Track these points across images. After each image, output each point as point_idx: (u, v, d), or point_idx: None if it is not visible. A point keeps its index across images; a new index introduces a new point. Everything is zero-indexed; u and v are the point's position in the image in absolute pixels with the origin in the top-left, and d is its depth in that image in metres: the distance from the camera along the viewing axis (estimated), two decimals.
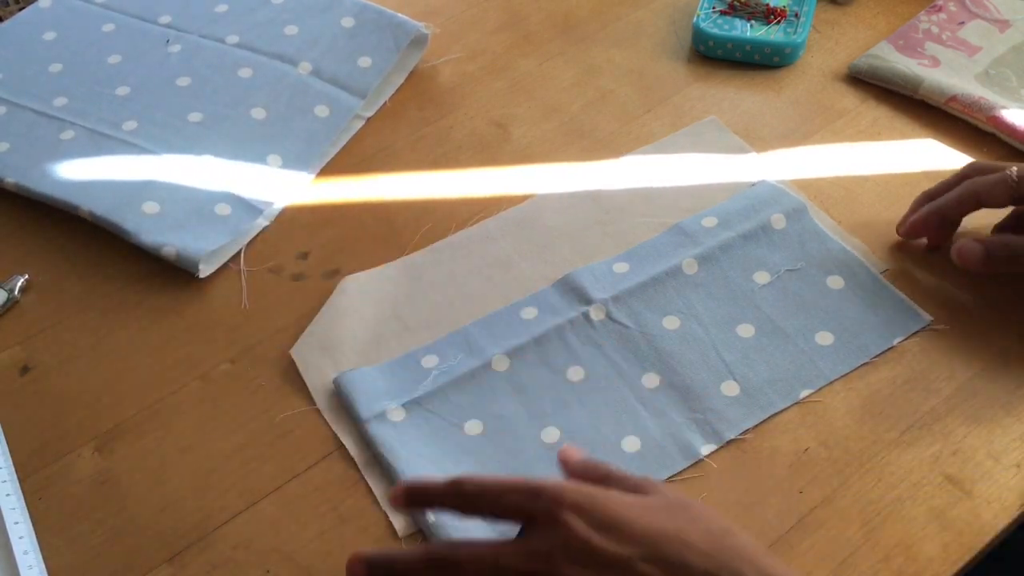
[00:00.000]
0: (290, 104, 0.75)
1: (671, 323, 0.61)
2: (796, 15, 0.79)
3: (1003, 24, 0.78)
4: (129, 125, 0.73)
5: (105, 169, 0.70)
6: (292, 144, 0.73)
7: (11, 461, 0.57)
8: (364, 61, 0.77)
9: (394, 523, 0.54)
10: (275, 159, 0.72)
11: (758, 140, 0.73)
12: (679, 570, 0.43)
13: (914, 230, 0.64)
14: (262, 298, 0.65)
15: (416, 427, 0.57)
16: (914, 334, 0.60)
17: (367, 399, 0.58)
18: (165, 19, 0.81)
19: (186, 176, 0.70)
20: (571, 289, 0.63)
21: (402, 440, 0.56)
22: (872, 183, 0.69)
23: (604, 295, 0.62)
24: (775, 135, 0.73)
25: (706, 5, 0.80)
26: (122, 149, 0.71)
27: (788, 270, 0.64)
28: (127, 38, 0.80)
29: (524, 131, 0.75)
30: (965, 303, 0.62)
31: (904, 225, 0.65)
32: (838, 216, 0.67)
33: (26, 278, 0.66)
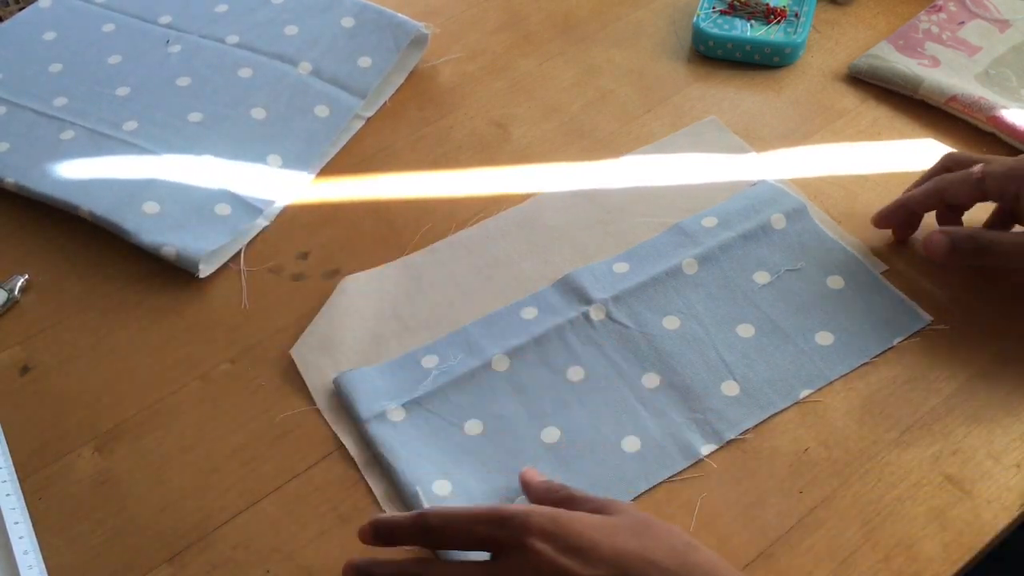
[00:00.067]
0: (290, 104, 0.75)
1: (671, 323, 0.61)
2: (796, 15, 0.79)
3: (1003, 24, 0.78)
4: (129, 125, 0.73)
5: (105, 169, 0.70)
6: (292, 144, 0.73)
7: (11, 461, 0.57)
8: (364, 61, 0.77)
9: None
10: (275, 159, 0.72)
11: (758, 140, 0.73)
12: None
13: (883, 222, 0.65)
14: (262, 298, 0.65)
15: (416, 427, 0.57)
16: (914, 334, 0.60)
17: (367, 399, 0.58)
18: (165, 19, 0.81)
19: (186, 176, 0.70)
20: (571, 289, 0.63)
21: (402, 440, 0.56)
22: (872, 183, 0.69)
23: (604, 295, 0.62)
24: (775, 135, 0.73)
25: (706, 5, 0.80)
26: (122, 149, 0.71)
27: (788, 270, 0.64)
28: (127, 38, 0.80)
29: (524, 131, 0.75)
30: (965, 303, 0.62)
31: (875, 216, 0.65)
32: (838, 216, 0.67)
33: (26, 278, 0.66)
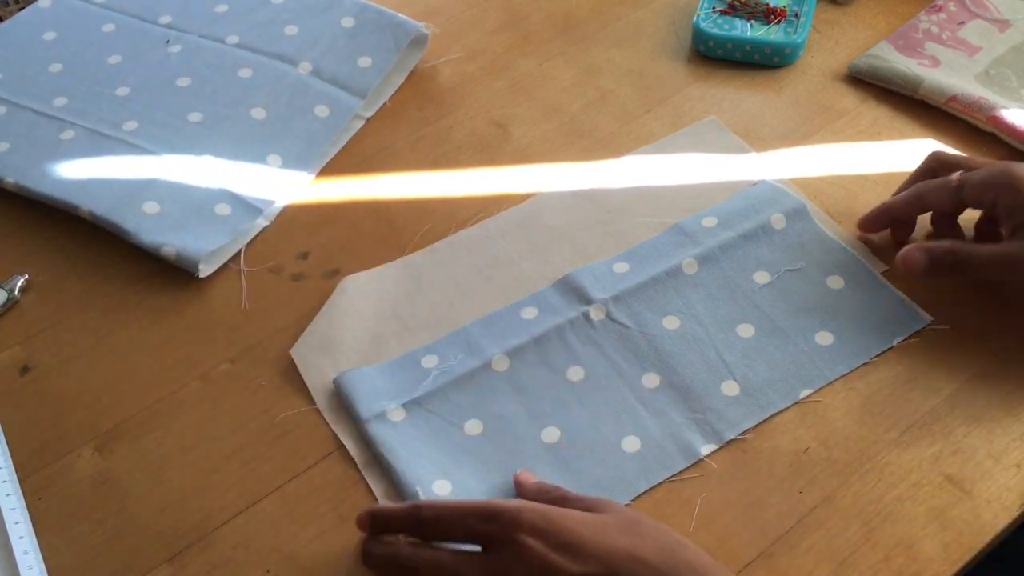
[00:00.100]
0: (290, 104, 0.75)
1: (671, 323, 0.61)
2: (796, 15, 0.79)
3: (1003, 24, 0.78)
4: (129, 125, 0.73)
5: (105, 169, 0.70)
6: (292, 144, 0.73)
7: (11, 461, 0.57)
8: (364, 61, 0.77)
9: None
10: (275, 159, 0.72)
11: (758, 140, 0.73)
12: None
13: (867, 226, 0.65)
14: (262, 298, 0.65)
15: (416, 427, 0.57)
16: (914, 334, 0.60)
17: (367, 399, 0.58)
18: (165, 19, 0.81)
19: (186, 176, 0.70)
20: (571, 289, 0.63)
21: (402, 440, 0.56)
22: (872, 183, 0.69)
23: (604, 295, 0.62)
24: (775, 135, 0.73)
25: (706, 5, 0.80)
26: (122, 149, 0.71)
27: (788, 270, 0.64)
28: (127, 38, 0.79)
29: (524, 131, 0.75)
30: (965, 303, 0.62)
31: (860, 221, 0.65)
32: (838, 216, 0.67)
33: (26, 278, 0.66)
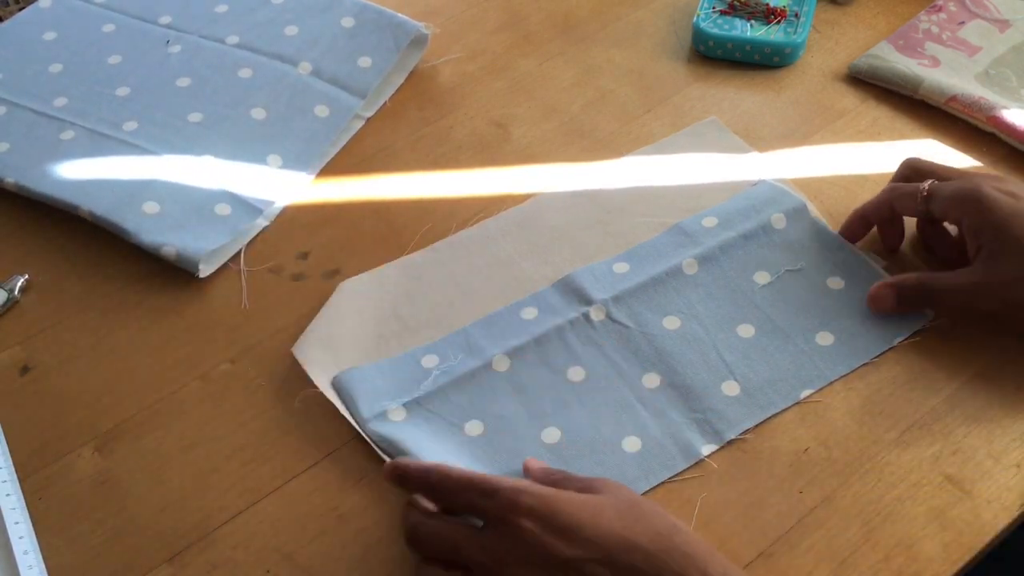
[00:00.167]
0: (290, 104, 0.75)
1: (671, 323, 0.61)
2: (796, 15, 0.79)
3: (1003, 24, 0.78)
4: (129, 125, 0.73)
5: (105, 169, 0.70)
6: (292, 144, 0.73)
7: (11, 461, 0.57)
8: (364, 61, 0.77)
9: None
10: (275, 159, 0.72)
11: (758, 140, 0.73)
12: (626, 571, 0.46)
13: (846, 232, 0.65)
14: (262, 298, 0.65)
15: (416, 427, 0.57)
16: (914, 334, 0.60)
17: (367, 399, 0.58)
18: (165, 19, 0.81)
19: (186, 176, 0.70)
20: (571, 289, 0.63)
21: (403, 436, 0.56)
22: (872, 183, 0.69)
23: (604, 295, 0.62)
24: (775, 135, 0.73)
25: (706, 5, 0.80)
26: (122, 149, 0.71)
27: (788, 270, 0.64)
28: (127, 38, 0.79)
29: (524, 131, 0.75)
30: None
31: (841, 228, 0.65)
32: (838, 216, 0.67)
33: (26, 278, 0.66)
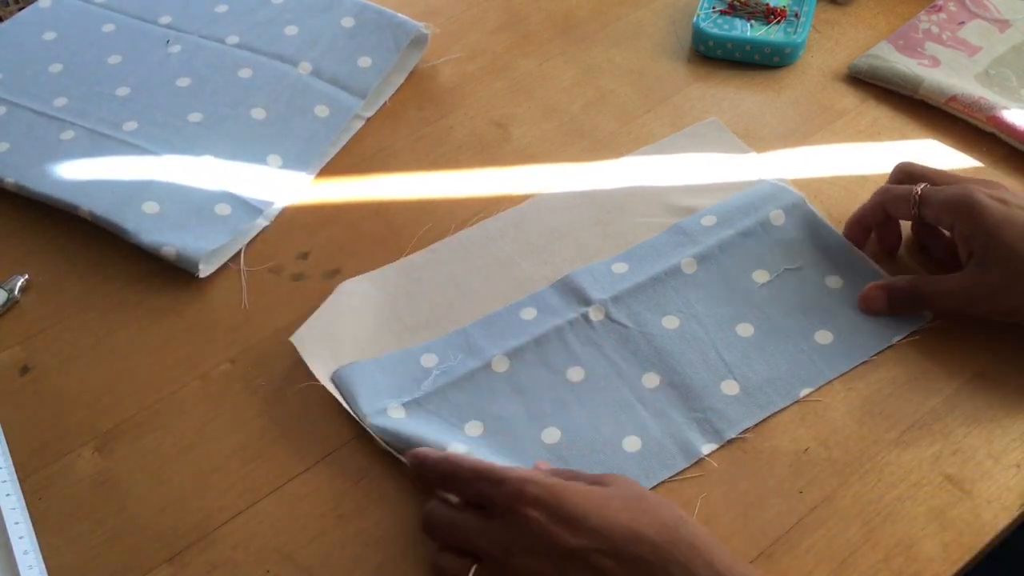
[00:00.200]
0: (290, 104, 0.75)
1: (670, 323, 0.61)
2: (796, 15, 0.79)
3: (1003, 24, 0.78)
4: (129, 125, 0.73)
5: (105, 169, 0.70)
6: (292, 144, 0.73)
7: (11, 461, 0.57)
8: (364, 61, 0.77)
9: None
10: (275, 159, 0.72)
11: (758, 140, 0.73)
12: (631, 563, 0.46)
13: (850, 238, 0.65)
14: (262, 298, 0.65)
15: (417, 425, 0.57)
16: (914, 333, 0.60)
17: (368, 396, 0.57)
18: (165, 19, 0.81)
19: (186, 176, 0.70)
20: (570, 290, 0.63)
21: (405, 430, 0.56)
22: (872, 183, 0.69)
23: (603, 296, 0.62)
24: (775, 135, 0.73)
25: (706, 5, 0.80)
26: (122, 149, 0.71)
27: (787, 269, 0.64)
28: (127, 38, 0.79)
29: (524, 131, 0.75)
30: None
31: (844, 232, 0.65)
32: (838, 216, 0.67)
33: (26, 278, 0.66)
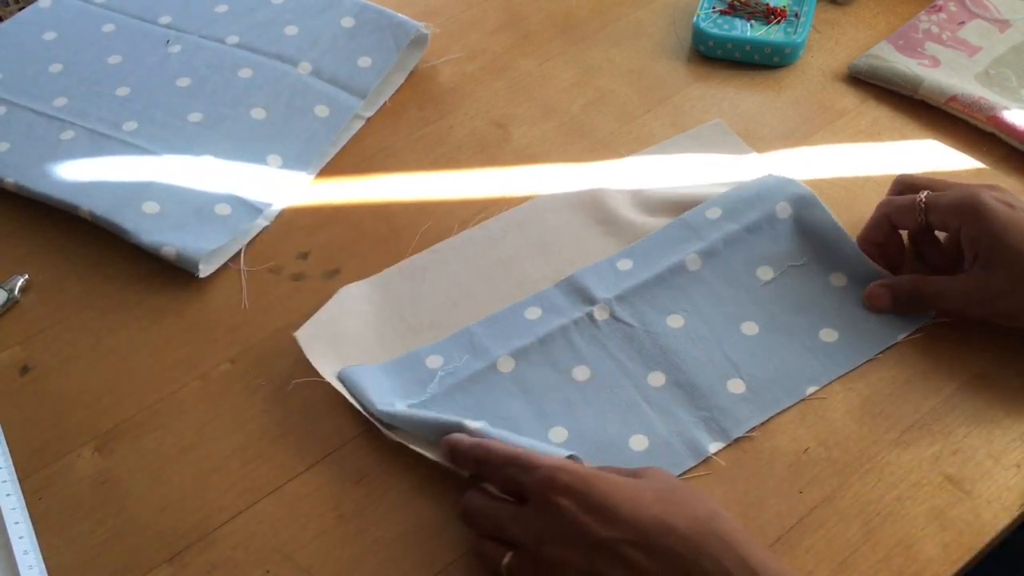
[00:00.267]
0: (290, 104, 0.75)
1: (675, 321, 0.61)
2: (796, 15, 0.79)
3: (1003, 24, 0.78)
4: (129, 125, 0.73)
5: (105, 169, 0.70)
6: (292, 144, 0.73)
7: (11, 461, 0.57)
8: (364, 61, 0.77)
9: None
10: (275, 159, 0.72)
11: (758, 140, 0.73)
12: (662, 555, 0.45)
13: (867, 251, 0.63)
14: (262, 298, 0.65)
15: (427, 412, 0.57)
16: (915, 333, 0.60)
17: (375, 395, 0.57)
18: (165, 19, 0.81)
19: (186, 176, 0.70)
20: (575, 289, 0.63)
21: (416, 416, 0.56)
22: (872, 183, 0.69)
23: (608, 295, 0.62)
24: (775, 135, 0.73)
25: (706, 5, 0.80)
26: (122, 149, 0.71)
27: (791, 265, 0.63)
28: (127, 38, 0.79)
29: (524, 131, 0.75)
30: None
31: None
32: (839, 216, 0.67)
33: (26, 278, 0.66)
